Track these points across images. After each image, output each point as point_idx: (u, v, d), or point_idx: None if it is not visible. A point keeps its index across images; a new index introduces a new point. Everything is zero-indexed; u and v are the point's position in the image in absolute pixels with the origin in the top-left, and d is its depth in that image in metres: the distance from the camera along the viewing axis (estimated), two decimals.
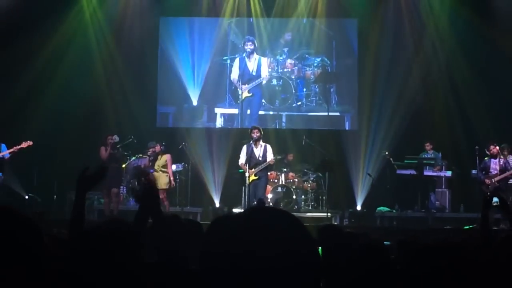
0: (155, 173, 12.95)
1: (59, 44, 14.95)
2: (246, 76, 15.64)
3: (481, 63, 14.72)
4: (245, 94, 15.58)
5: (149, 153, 13.45)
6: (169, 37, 15.97)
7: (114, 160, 12.89)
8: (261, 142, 12.80)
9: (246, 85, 15.57)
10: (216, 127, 15.83)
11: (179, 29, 16.00)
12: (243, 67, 15.73)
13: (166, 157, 13.05)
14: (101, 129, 13.96)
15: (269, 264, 1.31)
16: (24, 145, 12.60)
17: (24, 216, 1.94)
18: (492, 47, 14.72)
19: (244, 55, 15.79)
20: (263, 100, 15.84)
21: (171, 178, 12.97)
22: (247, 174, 12.61)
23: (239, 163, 12.95)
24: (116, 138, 13.05)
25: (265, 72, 15.74)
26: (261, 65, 15.73)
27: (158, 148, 13.19)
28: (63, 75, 14.76)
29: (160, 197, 12.36)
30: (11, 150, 12.61)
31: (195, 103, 15.83)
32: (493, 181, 12.82)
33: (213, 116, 15.89)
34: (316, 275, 1.39)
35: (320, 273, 1.46)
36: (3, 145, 12.65)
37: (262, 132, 12.88)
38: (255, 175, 12.59)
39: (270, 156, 12.70)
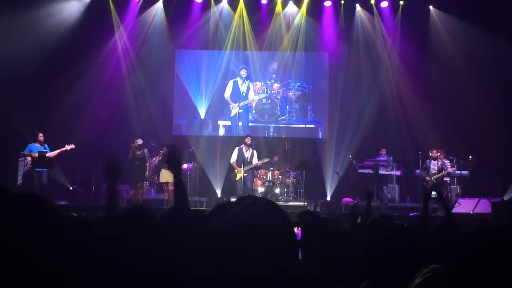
0: (164, 170, 12.79)
1: (98, 69, 14.93)
2: (238, 96, 15.61)
3: (423, 86, 14.80)
4: (238, 110, 15.57)
5: (161, 152, 13.30)
6: (183, 65, 15.96)
7: (137, 159, 12.82)
8: (249, 147, 12.95)
9: (237, 103, 15.55)
10: (219, 135, 15.81)
11: (190, 59, 15.99)
12: (235, 89, 15.70)
13: None
14: (130, 135, 13.97)
15: (257, 240, 1.33)
16: (67, 147, 12.34)
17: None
18: (431, 73, 14.85)
19: (237, 78, 15.75)
20: (255, 115, 15.85)
21: None
22: (242, 171, 12.71)
23: (231, 161, 13.11)
24: (139, 141, 12.98)
25: (252, 95, 15.72)
26: (250, 89, 15.72)
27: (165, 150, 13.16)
28: (100, 93, 14.74)
29: (170, 188, 12.31)
30: (57, 151, 12.29)
31: (203, 116, 15.80)
32: (432, 179, 12.88)
33: (216, 127, 15.87)
34: (294, 247, 1.41)
35: (297, 246, 1.48)
36: (45, 145, 12.31)
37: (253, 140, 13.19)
38: (245, 173, 12.77)
39: (255, 160, 12.92)
